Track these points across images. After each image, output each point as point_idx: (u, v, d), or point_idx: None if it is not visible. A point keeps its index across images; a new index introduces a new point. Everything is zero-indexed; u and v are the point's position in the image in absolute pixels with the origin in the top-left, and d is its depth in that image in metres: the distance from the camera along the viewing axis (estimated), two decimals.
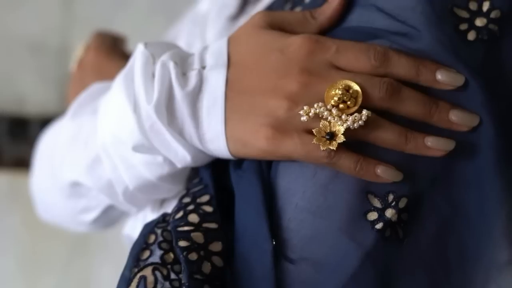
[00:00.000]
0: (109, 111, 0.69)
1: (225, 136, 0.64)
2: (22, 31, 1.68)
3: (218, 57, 0.66)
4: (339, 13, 0.66)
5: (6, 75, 1.68)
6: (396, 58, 0.61)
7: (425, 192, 0.61)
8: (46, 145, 0.86)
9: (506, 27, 0.62)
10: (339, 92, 0.60)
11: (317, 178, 0.61)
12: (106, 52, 0.97)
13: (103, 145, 0.70)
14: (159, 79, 0.65)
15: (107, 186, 0.72)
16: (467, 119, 0.61)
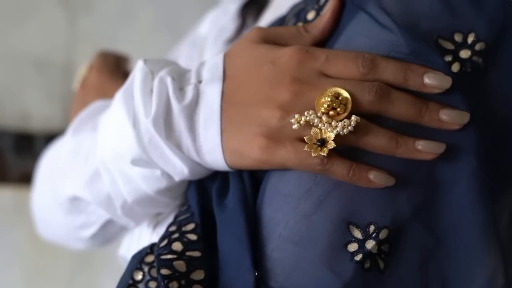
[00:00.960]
0: (109, 126, 0.70)
1: (222, 148, 0.65)
2: (27, 48, 1.69)
3: (214, 71, 0.67)
4: (331, 25, 0.67)
5: (11, 92, 1.70)
6: (384, 64, 0.61)
7: (407, 223, 0.61)
8: (47, 163, 0.87)
9: (491, 59, 0.63)
10: (328, 99, 0.60)
11: (300, 208, 0.61)
12: (108, 72, 0.98)
13: (102, 160, 0.71)
14: (157, 93, 0.66)
15: (106, 200, 0.73)
16: (457, 117, 0.61)
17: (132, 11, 1.67)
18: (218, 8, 1.03)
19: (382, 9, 0.63)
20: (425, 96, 0.61)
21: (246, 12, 0.93)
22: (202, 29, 1.02)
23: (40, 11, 1.68)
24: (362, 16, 0.64)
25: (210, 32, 0.97)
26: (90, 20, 1.69)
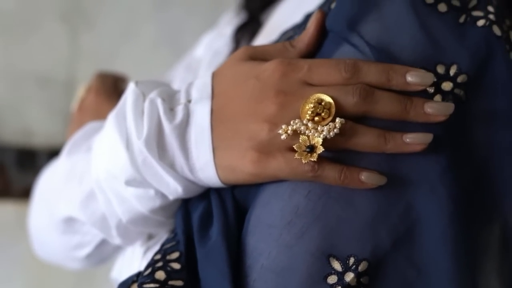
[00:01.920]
0: (102, 148, 0.71)
1: (214, 164, 0.65)
2: (29, 64, 1.70)
3: (203, 90, 0.68)
4: (316, 38, 0.67)
5: (14, 108, 1.71)
6: (366, 67, 0.62)
7: (387, 254, 0.61)
8: (43, 184, 0.87)
9: (473, 91, 0.63)
10: (312, 106, 0.61)
11: (282, 239, 0.61)
12: (106, 94, 0.98)
13: (97, 181, 0.71)
14: (148, 115, 0.67)
15: (101, 220, 0.74)
16: (442, 108, 0.61)
17: (134, 27, 1.68)
18: (214, 30, 1.04)
19: (366, 41, 0.64)
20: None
21: (241, 37, 0.94)
22: (197, 51, 1.02)
23: (42, 27, 1.70)
24: (346, 48, 0.65)
25: (205, 55, 0.98)
26: (91, 37, 1.70)
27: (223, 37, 0.98)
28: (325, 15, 0.68)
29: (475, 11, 0.65)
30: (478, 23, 0.64)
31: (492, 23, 0.64)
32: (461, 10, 0.65)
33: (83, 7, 1.69)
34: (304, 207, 0.61)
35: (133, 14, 1.68)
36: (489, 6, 0.65)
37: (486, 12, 0.65)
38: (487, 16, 0.64)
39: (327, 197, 0.61)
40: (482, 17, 0.64)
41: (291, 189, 0.62)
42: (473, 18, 0.64)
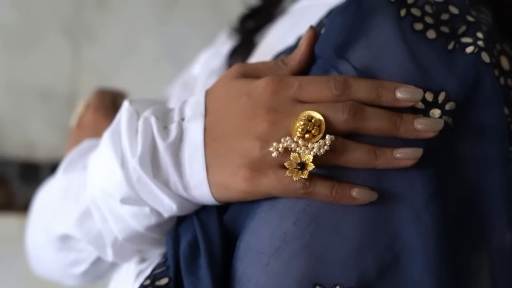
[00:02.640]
0: (98, 166, 0.71)
1: (208, 182, 0.66)
2: (32, 78, 1.71)
3: (196, 108, 0.68)
4: (308, 56, 0.68)
5: (17, 122, 1.71)
6: (356, 84, 0.62)
7: (373, 283, 0.61)
8: (40, 201, 0.87)
9: (461, 119, 0.63)
10: (302, 123, 0.61)
11: (270, 266, 0.61)
12: (104, 111, 0.98)
13: (92, 199, 0.72)
14: (142, 133, 0.67)
15: (97, 238, 0.74)
16: (432, 124, 0.61)
17: (135, 41, 1.69)
18: (213, 47, 1.05)
19: (354, 67, 0.64)
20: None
21: (234, 60, 0.94)
22: (194, 69, 1.03)
23: (44, 41, 1.70)
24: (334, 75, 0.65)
25: (202, 74, 0.98)
26: (94, 51, 1.70)
27: (220, 56, 0.98)
28: (316, 33, 0.68)
29: (464, 38, 0.65)
30: (467, 50, 0.64)
31: (481, 49, 0.64)
32: (450, 36, 0.65)
33: (85, 21, 1.69)
34: (292, 234, 0.61)
35: (135, 28, 1.68)
36: (478, 33, 0.65)
37: (475, 38, 0.65)
38: (476, 43, 0.64)
39: (315, 224, 0.61)
40: (471, 44, 0.64)
41: (280, 216, 0.62)
42: (462, 44, 0.64)
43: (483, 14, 0.70)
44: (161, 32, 1.68)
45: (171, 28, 1.68)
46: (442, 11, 0.66)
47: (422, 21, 0.65)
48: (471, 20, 0.66)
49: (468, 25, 0.66)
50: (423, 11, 0.65)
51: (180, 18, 1.67)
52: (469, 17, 0.66)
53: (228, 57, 0.95)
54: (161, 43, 1.68)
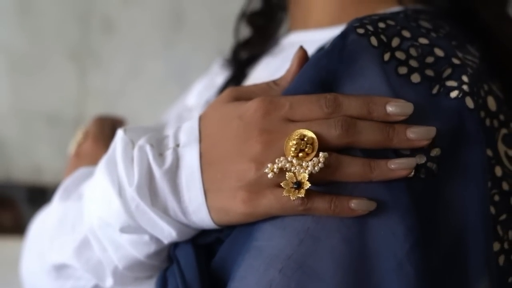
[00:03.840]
0: (95, 196, 0.71)
1: (207, 207, 0.66)
2: (39, 103, 1.72)
3: (190, 134, 0.68)
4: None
5: (24, 146, 1.73)
6: (347, 101, 0.62)
7: None
8: (35, 230, 0.87)
9: (446, 165, 0.63)
10: (294, 143, 0.61)
11: None
12: (104, 141, 0.97)
13: (91, 229, 0.72)
14: (137, 162, 0.67)
15: (96, 267, 0.74)
16: (424, 133, 0.62)
17: (141, 65, 1.70)
18: (207, 76, 1.05)
19: None
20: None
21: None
22: (189, 100, 1.03)
23: (51, 66, 1.72)
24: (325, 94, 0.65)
25: (196, 106, 0.99)
26: (100, 75, 1.71)
27: (214, 87, 0.99)
28: (306, 52, 0.69)
29: (449, 81, 0.65)
30: (451, 94, 0.64)
31: (465, 94, 0.64)
32: (435, 80, 0.65)
33: (91, 46, 1.71)
34: (278, 282, 0.61)
35: (140, 52, 1.69)
36: (463, 76, 0.65)
37: (460, 82, 0.64)
38: (461, 87, 0.64)
39: (301, 272, 0.61)
40: (455, 88, 0.64)
41: (266, 263, 0.62)
42: (446, 88, 0.64)
43: (470, 55, 0.70)
44: (167, 55, 1.69)
45: (177, 51, 1.68)
46: (427, 54, 0.66)
47: (406, 65, 0.65)
48: (456, 63, 0.66)
49: (453, 68, 0.65)
50: (407, 54, 0.65)
51: (186, 41, 1.68)
52: (454, 59, 0.66)
53: (221, 90, 0.95)
54: (167, 66, 1.68)
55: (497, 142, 0.68)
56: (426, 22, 0.71)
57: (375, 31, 0.66)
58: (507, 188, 0.67)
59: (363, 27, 0.65)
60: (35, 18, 1.70)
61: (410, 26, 0.68)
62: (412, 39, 0.66)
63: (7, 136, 1.74)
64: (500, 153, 0.68)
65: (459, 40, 0.71)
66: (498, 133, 0.68)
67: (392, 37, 0.66)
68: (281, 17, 0.99)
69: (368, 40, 0.65)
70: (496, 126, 0.68)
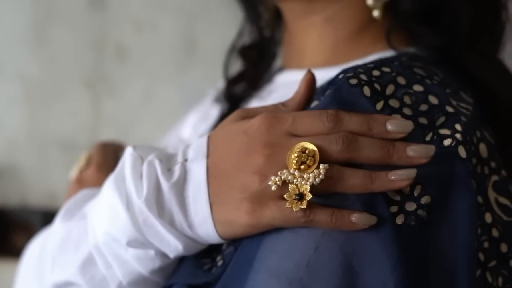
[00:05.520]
0: (101, 212, 0.72)
1: (212, 219, 0.67)
2: (54, 129, 1.74)
3: (199, 150, 0.70)
4: (307, 97, 0.70)
5: (40, 171, 1.74)
6: (348, 117, 0.64)
7: None
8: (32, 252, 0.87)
9: (436, 213, 0.63)
10: (296, 155, 0.62)
11: None
12: (107, 170, 0.95)
13: (95, 245, 0.73)
14: (146, 176, 0.69)
15: (101, 284, 0.75)
16: (424, 151, 0.63)
17: (154, 91, 1.71)
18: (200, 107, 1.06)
19: None
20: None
21: None
22: (184, 132, 1.05)
23: (65, 94, 1.73)
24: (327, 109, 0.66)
25: (191, 139, 0.99)
26: (113, 102, 1.73)
27: (208, 120, 1.00)
28: (314, 76, 0.70)
29: (443, 129, 0.65)
30: (444, 142, 0.65)
31: (458, 143, 0.64)
32: (428, 128, 0.65)
33: (105, 73, 1.72)
34: None
35: (153, 79, 1.70)
36: (456, 125, 0.66)
37: (453, 130, 0.65)
38: (454, 135, 0.65)
39: None
40: (449, 136, 0.65)
41: None
42: (440, 136, 0.65)
43: (464, 102, 0.71)
44: (180, 82, 1.70)
45: (190, 78, 1.69)
46: (421, 101, 0.66)
47: (400, 113, 0.66)
48: (450, 111, 0.66)
49: (447, 116, 0.66)
50: (401, 102, 0.66)
51: (199, 68, 1.68)
52: (448, 107, 0.67)
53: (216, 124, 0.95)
54: (180, 93, 1.69)
55: (487, 189, 0.68)
56: (420, 70, 0.71)
57: (368, 80, 0.66)
58: (496, 235, 0.68)
59: (356, 77, 0.66)
60: (50, 46, 1.72)
61: (406, 72, 0.69)
62: (406, 86, 0.67)
63: (23, 162, 1.76)
64: (491, 200, 0.68)
65: (453, 87, 0.72)
66: (489, 180, 0.69)
67: (386, 85, 0.67)
68: (274, 52, 1.00)
69: (361, 90, 0.66)
70: (487, 173, 0.68)
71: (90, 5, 1.72)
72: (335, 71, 0.74)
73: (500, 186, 0.70)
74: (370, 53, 0.81)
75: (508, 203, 0.70)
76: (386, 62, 0.71)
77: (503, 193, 0.70)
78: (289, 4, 0.87)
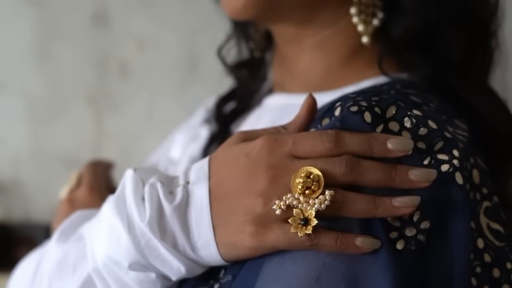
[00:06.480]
0: (101, 235, 0.71)
1: (215, 242, 0.66)
2: (58, 146, 1.75)
3: (200, 172, 0.69)
4: (308, 121, 0.69)
5: (43, 187, 1.76)
6: (348, 136, 0.63)
7: None
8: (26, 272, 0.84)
9: (435, 238, 0.63)
10: (301, 180, 0.62)
11: None
12: (99, 191, 0.94)
13: (95, 268, 0.71)
14: (148, 198, 0.68)
15: None
16: (425, 175, 0.62)
17: (156, 108, 1.72)
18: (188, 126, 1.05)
19: None
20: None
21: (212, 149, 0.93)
22: (173, 152, 1.03)
23: (69, 111, 1.75)
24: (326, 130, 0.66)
25: (181, 160, 0.99)
26: (116, 119, 1.74)
27: (198, 140, 0.99)
28: (315, 100, 0.70)
29: (441, 154, 0.65)
30: (442, 168, 0.65)
31: (455, 169, 0.65)
32: (426, 152, 0.65)
33: (108, 90, 1.74)
34: None
35: (155, 96, 1.71)
36: (454, 150, 0.65)
37: (451, 156, 0.65)
38: (452, 162, 0.65)
39: None
40: (446, 162, 0.65)
41: None
42: (437, 161, 0.65)
43: (459, 129, 0.71)
44: (182, 99, 1.70)
45: (192, 94, 1.70)
46: (421, 124, 0.66)
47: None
48: (448, 137, 0.66)
49: (445, 141, 0.66)
50: (401, 125, 0.66)
51: (200, 84, 1.69)
52: (446, 133, 0.67)
53: (206, 146, 0.95)
54: (181, 109, 1.69)
55: (479, 215, 0.68)
56: (416, 97, 0.71)
57: (368, 105, 0.66)
58: (489, 260, 0.68)
59: (356, 104, 0.66)
60: (53, 64, 1.74)
61: (404, 99, 0.69)
62: (407, 109, 0.67)
63: (27, 178, 1.77)
64: (482, 226, 0.69)
65: (448, 114, 0.72)
66: (480, 206, 0.69)
67: (387, 107, 0.67)
68: (264, 72, 0.98)
69: (361, 117, 0.65)
70: (479, 199, 0.69)
71: (93, 23, 1.74)
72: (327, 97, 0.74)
73: (492, 212, 0.70)
74: (362, 78, 0.81)
75: (500, 229, 0.70)
76: (382, 91, 0.71)
77: (495, 219, 0.70)
78: (281, 28, 0.86)
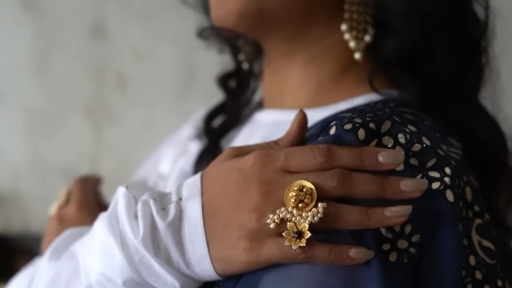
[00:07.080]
0: (94, 252, 0.70)
1: (210, 257, 0.66)
2: (56, 157, 1.76)
3: (193, 188, 0.69)
4: (299, 136, 0.70)
5: (42, 199, 1.75)
6: (340, 151, 0.63)
7: None
8: None
9: (425, 252, 0.63)
10: (294, 194, 0.62)
11: None
12: (88, 208, 0.94)
13: (89, 286, 0.70)
14: (141, 215, 0.68)
15: None
16: (416, 186, 0.63)
17: (154, 121, 1.72)
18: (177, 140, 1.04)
19: None
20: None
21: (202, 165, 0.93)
22: (163, 167, 1.03)
23: (68, 123, 1.75)
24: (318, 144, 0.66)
25: (171, 175, 0.98)
26: (114, 131, 1.74)
27: (187, 155, 0.99)
28: (305, 115, 0.70)
29: (432, 172, 0.66)
30: (433, 185, 0.65)
31: (446, 187, 0.65)
32: (418, 169, 0.66)
33: (106, 102, 1.74)
34: None
35: (153, 107, 1.72)
36: (446, 168, 0.66)
37: (443, 174, 0.66)
38: (443, 179, 0.65)
39: None
40: (438, 179, 0.65)
41: None
42: (429, 178, 0.65)
43: (453, 147, 0.72)
44: (179, 110, 1.71)
45: (189, 106, 1.69)
46: (415, 140, 0.67)
47: None
48: (441, 154, 0.67)
49: (438, 158, 0.66)
50: (395, 140, 0.66)
51: (198, 96, 1.70)
52: (439, 150, 0.67)
53: (197, 161, 0.95)
54: (179, 120, 1.63)
55: (471, 232, 0.69)
56: (410, 115, 0.72)
57: (363, 121, 0.67)
58: (480, 277, 0.68)
59: (350, 122, 0.67)
60: (51, 76, 1.75)
61: (398, 115, 0.70)
62: (402, 124, 0.68)
63: (25, 190, 1.78)
64: (474, 243, 0.69)
65: (442, 132, 0.73)
66: (472, 223, 0.69)
67: (383, 121, 0.67)
68: (254, 87, 0.98)
69: (355, 134, 0.66)
70: (471, 216, 0.69)
71: (91, 35, 1.74)
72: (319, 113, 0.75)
73: (484, 230, 0.70)
74: (354, 95, 0.80)
75: (492, 246, 0.70)
76: (377, 109, 0.72)
77: (487, 236, 0.70)
78: (272, 42, 0.85)
